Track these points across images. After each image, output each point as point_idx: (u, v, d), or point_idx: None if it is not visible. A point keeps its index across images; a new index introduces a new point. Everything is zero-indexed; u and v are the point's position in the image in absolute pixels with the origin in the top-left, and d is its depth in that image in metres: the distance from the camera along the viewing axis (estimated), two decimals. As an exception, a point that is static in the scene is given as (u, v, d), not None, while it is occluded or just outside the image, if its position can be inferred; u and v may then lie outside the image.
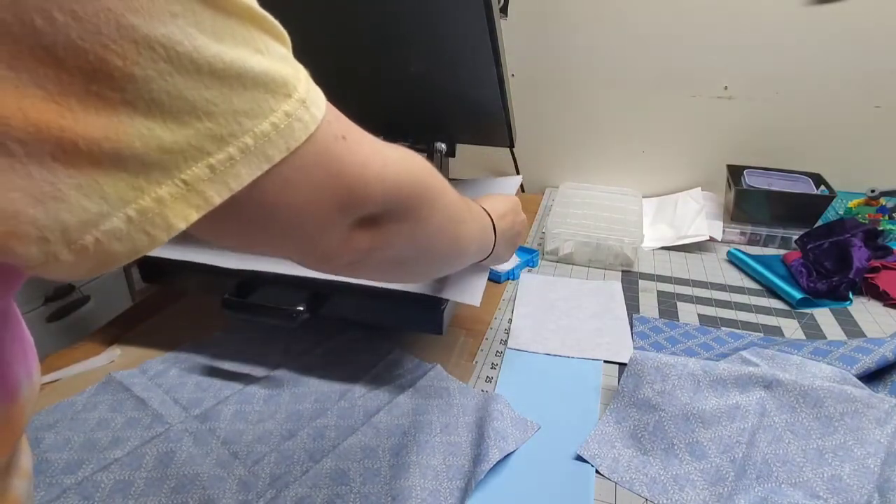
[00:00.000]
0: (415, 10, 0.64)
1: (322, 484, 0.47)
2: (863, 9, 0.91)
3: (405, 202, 0.32)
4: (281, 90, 0.22)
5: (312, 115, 0.24)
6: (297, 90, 0.23)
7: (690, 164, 1.12)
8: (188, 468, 0.48)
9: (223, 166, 0.20)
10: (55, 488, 0.46)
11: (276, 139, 0.22)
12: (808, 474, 0.47)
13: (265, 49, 0.22)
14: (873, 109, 0.98)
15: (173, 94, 0.18)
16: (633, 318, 0.73)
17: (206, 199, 0.20)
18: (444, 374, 0.60)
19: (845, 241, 0.83)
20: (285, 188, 0.24)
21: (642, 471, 0.49)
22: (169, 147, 0.19)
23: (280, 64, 0.22)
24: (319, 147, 0.25)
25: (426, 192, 0.34)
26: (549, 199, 1.16)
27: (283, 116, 0.22)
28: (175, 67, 0.18)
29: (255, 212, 0.24)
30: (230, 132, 0.20)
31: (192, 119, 0.19)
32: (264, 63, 0.21)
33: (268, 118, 0.21)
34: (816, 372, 0.55)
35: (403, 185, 0.31)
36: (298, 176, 0.24)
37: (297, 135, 0.23)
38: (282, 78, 0.22)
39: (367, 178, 0.28)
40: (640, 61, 1.06)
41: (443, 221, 0.38)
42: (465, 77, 0.75)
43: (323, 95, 0.26)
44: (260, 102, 0.21)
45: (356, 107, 0.30)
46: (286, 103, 0.22)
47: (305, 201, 0.25)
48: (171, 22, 0.18)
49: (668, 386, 0.53)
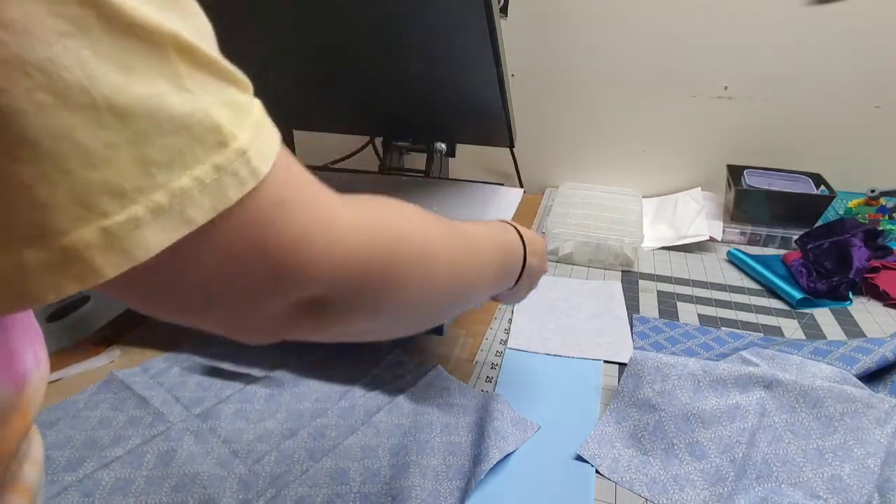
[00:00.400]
0: (415, 10, 0.64)
1: (322, 483, 0.47)
2: (863, 9, 0.91)
3: (362, 284, 0.26)
4: (211, 137, 0.18)
5: (254, 169, 0.19)
6: (235, 138, 0.19)
7: (690, 164, 1.12)
8: (189, 467, 0.48)
9: (124, 230, 0.16)
10: (56, 485, 0.46)
11: (199, 198, 0.18)
12: (808, 474, 0.47)
13: (194, 86, 0.18)
14: (873, 109, 0.98)
15: (56, 134, 0.15)
16: (633, 318, 0.73)
17: (95, 270, 0.16)
18: (445, 375, 0.60)
19: (845, 241, 0.83)
20: (198, 258, 0.20)
21: (642, 471, 0.49)
22: (44, 202, 0.15)
23: (215, 106, 0.18)
24: (250, 213, 0.20)
25: (395, 266, 0.28)
26: (549, 199, 1.16)
27: (211, 170, 0.18)
28: (60, 100, 0.14)
29: (162, 281, 0.20)
30: (136, 187, 0.16)
31: (82, 168, 0.15)
32: (190, 103, 0.17)
33: (190, 171, 0.17)
34: (816, 372, 0.55)
35: (359, 264, 0.25)
36: (219, 244, 0.20)
37: (229, 194, 0.18)
38: (213, 122, 0.18)
39: (303, 256, 0.22)
40: (640, 61, 1.06)
41: (429, 284, 0.31)
42: (465, 77, 0.75)
43: (277, 144, 0.21)
44: (182, 151, 0.17)
45: (357, 107, 0.30)
46: (218, 154, 0.18)
47: (221, 277, 0.21)
48: (56, 42, 0.14)
49: (668, 386, 0.53)
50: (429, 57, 0.73)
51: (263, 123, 0.21)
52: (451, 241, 0.34)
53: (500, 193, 0.83)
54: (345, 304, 0.26)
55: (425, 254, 0.30)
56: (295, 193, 0.22)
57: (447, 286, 0.33)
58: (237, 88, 0.20)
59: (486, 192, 0.84)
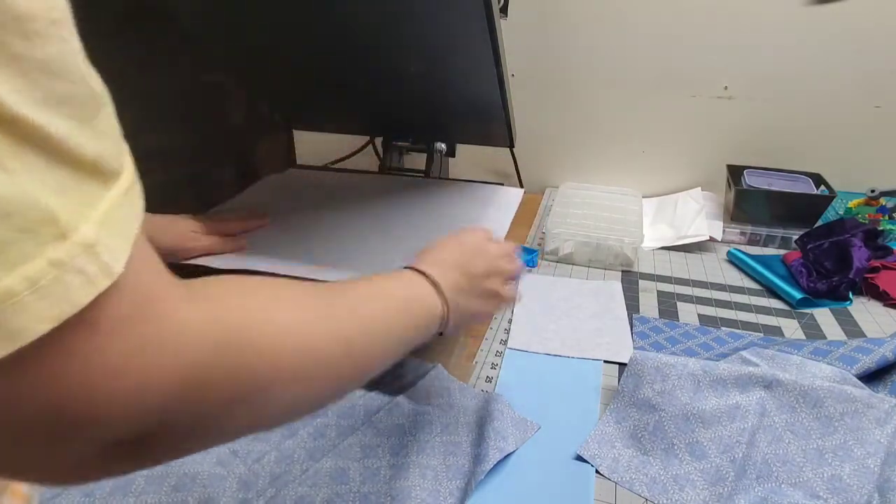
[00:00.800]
0: (415, 9, 0.64)
1: (322, 483, 0.47)
2: (863, 9, 0.91)
3: (192, 417, 0.21)
4: (45, 229, 0.15)
5: (105, 265, 0.16)
6: (76, 229, 0.15)
7: (690, 164, 1.12)
8: (188, 466, 0.48)
9: None
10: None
11: (32, 303, 0.14)
12: (808, 474, 0.47)
13: (20, 166, 0.14)
14: (873, 109, 0.98)
15: None
16: (633, 318, 0.73)
17: None
18: (445, 375, 0.60)
19: (845, 241, 0.83)
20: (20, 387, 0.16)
21: (642, 471, 0.49)
22: None
23: (46, 191, 0.15)
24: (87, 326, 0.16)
25: (249, 377, 0.23)
26: (549, 199, 1.16)
27: (45, 267, 0.15)
28: None
29: None
30: None
31: None
32: (8, 186, 0.14)
33: (15, 270, 0.14)
34: (816, 372, 0.55)
35: (175, 404, 0.20)
36: (48, 369, 0.16)
37: (75, 296, 0.15)
38: (47, 210, 0.15)
39: (101, 398, 0.17)
40: (640, 61, 1.06)
41: (304, 382, 0.26)
42: (465, 77, 0.75)
43: (132, 235, 0.18)
44: (3, 244, 0.14)
45: (357, 107, 0.30)
46: (55, 248, 0.15)
47: (32, 414, 0.16)
48: None
49: (668, 386, 0.53)
50: (429, 57, 0.73)
51: (116, 218, 0.17)
52: (329, 323, 0.28)
53: (500, 193, 0.83)
54: (179, 435, 0.21)
55: (292, 348, 0.25)
56: (149, 300, 0.18)
57: (332, 377, 0.28)
58: (87, 175, 0.16)
59: (486, 192, 0.84)
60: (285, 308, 0.26)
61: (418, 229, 0.69)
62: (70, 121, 0.16)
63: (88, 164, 0.16)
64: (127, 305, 0.18)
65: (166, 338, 0.19)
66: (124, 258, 0.17)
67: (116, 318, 0.17)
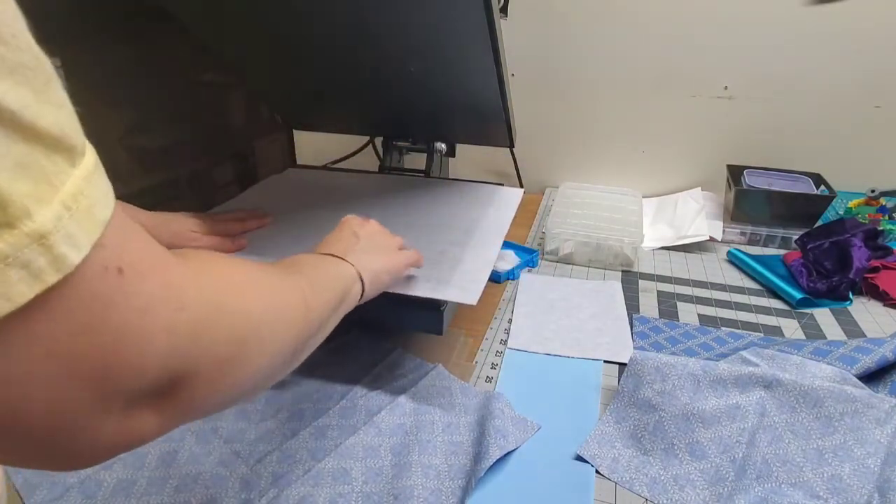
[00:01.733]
0: (415, 9, 0.64)
1: (324, 483, 0.48)
2: (863, 9, 0.91)
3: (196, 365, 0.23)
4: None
5: (59, 258, 0.15)
6: (30, 217, 0.14)
7: (690, 164, 1.12)
8: (190, 467, 0.48)
9: None
10: (58, 487, 0.46)
11: None
12: (808, 474, 0.47)
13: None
14: (873, 109, 0.98)
15: None
16: (633, 318, 0.73)
17: None
18: (446, 374, 0.60)
19: (845, 241, 0.83)
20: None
21: (642, 471, 0.49)
22: None
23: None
24: (63, 309, 0.16)
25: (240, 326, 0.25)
26: (549, 199, 1.16)
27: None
28: None
29: None
30: None
31: None
32: None
33: None
34: (816, 372, 0.55)
35: (187, 359, 0.22)
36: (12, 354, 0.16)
37: (15, 293, 0.14)
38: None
39: (135, 351, 0.19)
40: (640, 61, 1.06)
41: (280, 337, 0.29)
42: (465, 77, 0.75)
43: (106, 217, 0.17)
44: None
45: (357, 107, 0.30)
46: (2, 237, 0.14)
47: (18, 397, 0.16)
48: None
49: (668, 386, 0.53)
50: (429, 57, 0.73)
51: (83, 195, 0.16)
52: (289, 282, 0.32)
53: (500, 193, 0.83)
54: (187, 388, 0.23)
55: (262, 309, 0.27)
56: (136, 271, 0.18)
57: (293, 335, 0.30)
58: (50, 150, 0.15)
59: (486, 192, 0.84)
60: (254, 276, 0.29)
61: (418, 229, 0.69)
62: (23, 89, 0.14)
63: (50, 138, 0.15)
64: (112, 277, 0.18)
65: (171, 294, 0.20)
66: (90, 243, 0.16)
67: (90, 299, 0.17)
